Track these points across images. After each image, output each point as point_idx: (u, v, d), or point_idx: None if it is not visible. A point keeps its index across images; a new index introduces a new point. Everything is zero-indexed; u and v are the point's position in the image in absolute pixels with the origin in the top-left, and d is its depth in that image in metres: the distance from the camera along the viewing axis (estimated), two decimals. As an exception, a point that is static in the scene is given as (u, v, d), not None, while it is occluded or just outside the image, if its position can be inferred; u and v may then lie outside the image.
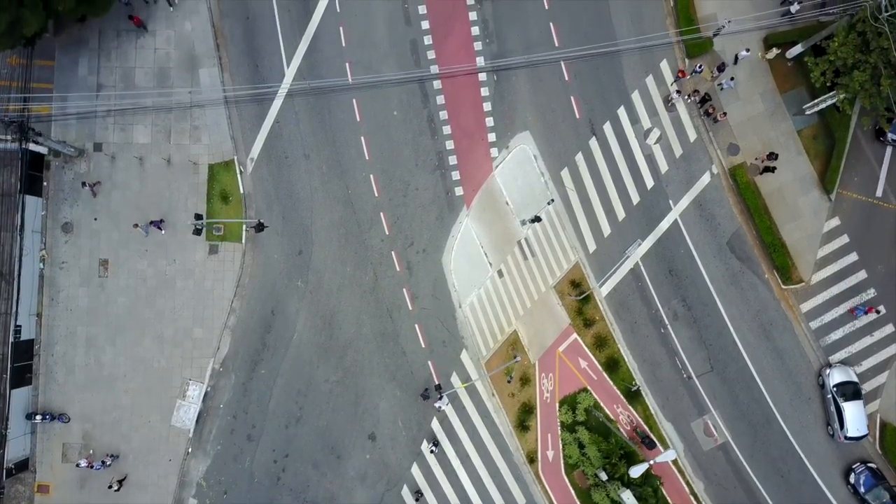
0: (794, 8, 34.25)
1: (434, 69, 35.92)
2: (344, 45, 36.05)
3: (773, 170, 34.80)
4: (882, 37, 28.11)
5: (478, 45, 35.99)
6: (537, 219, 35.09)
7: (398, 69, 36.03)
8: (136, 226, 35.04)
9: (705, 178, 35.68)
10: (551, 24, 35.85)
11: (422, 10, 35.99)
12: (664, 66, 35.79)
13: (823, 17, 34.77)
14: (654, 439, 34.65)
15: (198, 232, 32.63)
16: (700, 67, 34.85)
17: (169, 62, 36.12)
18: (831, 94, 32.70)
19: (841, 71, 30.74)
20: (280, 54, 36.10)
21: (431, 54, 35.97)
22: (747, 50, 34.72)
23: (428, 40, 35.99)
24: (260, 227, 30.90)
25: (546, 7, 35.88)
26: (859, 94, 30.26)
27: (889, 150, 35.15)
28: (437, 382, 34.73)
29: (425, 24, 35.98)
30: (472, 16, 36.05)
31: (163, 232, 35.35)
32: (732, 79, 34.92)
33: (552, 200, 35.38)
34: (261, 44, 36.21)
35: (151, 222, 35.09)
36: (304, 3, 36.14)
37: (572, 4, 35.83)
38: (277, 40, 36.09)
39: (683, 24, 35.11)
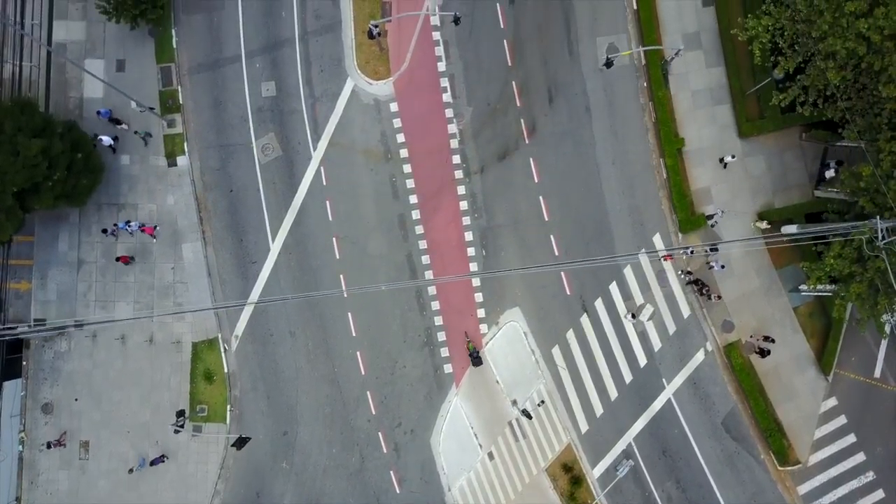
0: (830, 173, 33.63)
1: (423, 245, 35.22)
2: (331, 218, 35.33)
3: (767, 352, 34.04)
4: (879, 259, 27.33)
5: (466, 220, 35.29)
6: (528, 415, 34.25)
7: (385, 244, 35.33)
8: (131, 471, 34.43)
9: (699, 356, 34.90)
10: (541, 198, 35.16)
11: (409, 184, 35.30)
12: (657, 239, 35.07)
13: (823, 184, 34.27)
14: (481, 356, 34.56)
15: (178, 431, 31.91)
16: (691, 251, 34.17)
17: (151, 237, 35.38)
18: (830, 287, 31.93)
19: (837, 279, 30.02)
20: (265, 228, 35.38)
21: (420, 229, 35.25)
22: (733, 156, 34.21)
23: (416, 215, 35.28)
24: (241, 443, 30.02)
25: (536, 181, 35.19)
26: (855, 302, 29.51)
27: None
28: None
29: (413, 199, 35.28)
30: (461, 190, 35.36)
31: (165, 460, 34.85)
32: (723, 266, 34.20)
33: (543, 402, 34.59)
34: (245, 217, 35.49)
35: (152, 462, 34.35)
36: (290, 176, 35.44)
37: (563, 178, 35.12)
38: (262, 214, 35.38)
39: (676, 197, 34.49)
